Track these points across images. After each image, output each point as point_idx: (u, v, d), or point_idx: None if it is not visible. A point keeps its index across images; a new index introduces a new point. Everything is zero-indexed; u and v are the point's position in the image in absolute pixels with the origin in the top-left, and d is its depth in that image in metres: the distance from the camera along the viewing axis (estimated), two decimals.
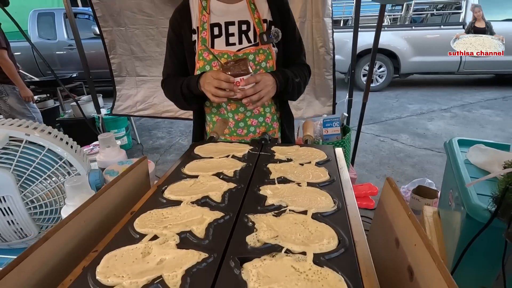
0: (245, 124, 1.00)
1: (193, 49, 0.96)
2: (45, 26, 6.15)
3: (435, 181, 2.43)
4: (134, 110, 2.70)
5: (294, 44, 1.02)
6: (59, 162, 0.61)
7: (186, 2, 0.99)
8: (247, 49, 0.94)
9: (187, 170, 0.63)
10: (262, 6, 0.97)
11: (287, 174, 0.59)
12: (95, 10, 2.36)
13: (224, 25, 0.95)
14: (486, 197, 0.98)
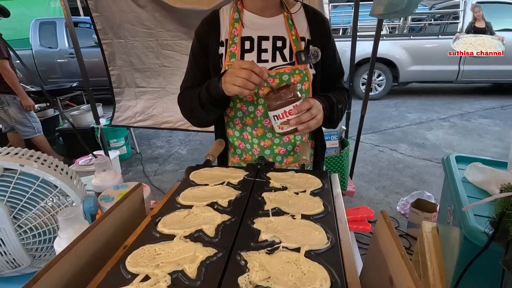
0: (271, 151, 0.92)
1: (219, 63, 0.89)
2: (47, 35, 6.21)
3: (434, 193, 2.42)
4: (133, 121, 2.71)
5: (334, 67, 0.96)
6: (53, 191, 0.61)
7: (216, 12, 0.93)
8: (282, 68, 0.86)
9: (182, 199, 0.63)
10: (301, 23, 0.91)
11: (282, 205, 0.59)
12: (95, 23, 2.38)
13: (257, 40, 0.88)
14: (484, 219, 0.97)
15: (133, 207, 0.66)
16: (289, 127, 0.75)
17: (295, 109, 0.73)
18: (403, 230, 2.11)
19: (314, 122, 0.75)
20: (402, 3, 1.77)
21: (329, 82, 0.96)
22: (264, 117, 0.89)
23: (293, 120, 0.73)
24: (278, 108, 0.74)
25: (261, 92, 0.86)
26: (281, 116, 0.74)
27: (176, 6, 2.13)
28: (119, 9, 2.29)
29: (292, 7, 0.92)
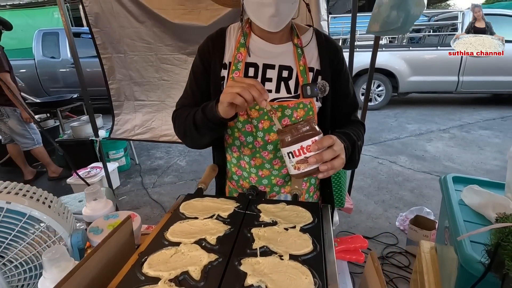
0: (269, 181, 0.89)
1: (220, 85, 0.84)
2: (50, 45, 6.29)
3: (433, 208, 2.41)
4: (132, 134, 2.71)
5: (347, 98, 0.89)
6: (40, 227, 0.60)
7: (223, 31, 0.87)
8: (285, 102, 0.80)
9: (170, 235, 0.62)
10: (311, 52, 0.84)
11: (270, 243, 0.58)
12: (95, 38, 2.41)
13: (261, 67, 0.82)
14: (480, 246, 0.96)
15: (121, 241, 0.65)
16: (307, 167, 0.62)
17: (314, 145, 0.61)
18: (402, 247, 2.08)
19: (339, 162, 0.63)
20: (397, 21, 1.78)
21: (343, 114, 0.90)
22: (263, 149, 0.85)
23: (312, 158, 0.61)
24: (294, 144, 0.62)
25: (261, 125, 0.82)
26: (298, 153, 0.62)
27: (175, 22, 2.15)
28: (119, 24, 2.32)
29: (303, 33, 0.86)
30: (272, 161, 0.87)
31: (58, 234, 0.63)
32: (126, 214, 0.78)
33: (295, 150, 0.63)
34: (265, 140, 0.84)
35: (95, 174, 2.84)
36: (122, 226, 0.66)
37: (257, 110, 0.81)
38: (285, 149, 0.64)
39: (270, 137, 0.83)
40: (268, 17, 0.73)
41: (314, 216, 0.67)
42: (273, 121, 0.77)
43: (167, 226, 0.66)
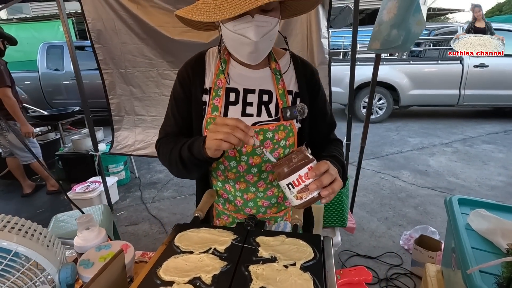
0: (254, 204, 0.89)
1: (202, 111, 0.84)
2: (54, 58, 6.38)
3: (438, 226, 2.35)
4: (132, 149, 2.70)
5: (325, 118, 0.92)
6: (26, 264, 0.57)
7: (202, 55, 0.87)
8: (266, 125, 0.81)
9: (163, 273, 0.59)
10: (289, 75, 0.87)
11: (269, 284, 0.55)
12: (96, 54, 2.43)
13: (242, 92, 0.84)
14: (490, 276, 0.91)
15: (113, 277, 0.62)
16: (309, 194, 0.62)
17: (312, 172, 0.62)
18: (407, 268, 2.01)
19: (338, 185, 0.65)
20: (398, 40, 1.78)
21: (322, 134, 0.93)
22: (247, 172, 0.84)
23: (312, 185, 0.61)
24: (291, 174, 0.62)
25: (244, 150, 0.81)
26: (297, 182, 0.62)
27: (176, 38, 2.17)
28: (121, 41, 2.34)
29: (281, 57, 0.89)
30: (257, 184, 0.87)
31: (46, 272, 0.60)
32: (119, 245, 0.74)
33: (294, 181, 0.63)
34: (249, 163, 0.83)
35: (94, 189, 2.81)
36: (114, 260, 0.63)
37: None
38: (283, 181, 0.64)
39: (254, 160, 0.83)
40: (247, 53, 0.74)
41: (316, 251, 0.63)
42: (263, 154, 0.79)
43: (161, 261, 0.63)
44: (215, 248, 0.65)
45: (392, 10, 1.70)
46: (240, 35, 0.70)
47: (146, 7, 2.18)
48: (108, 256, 0.71)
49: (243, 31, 0.70)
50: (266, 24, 0.71)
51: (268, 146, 0.81)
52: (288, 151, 0.85)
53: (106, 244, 0.75)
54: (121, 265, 0.65)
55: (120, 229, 2.64)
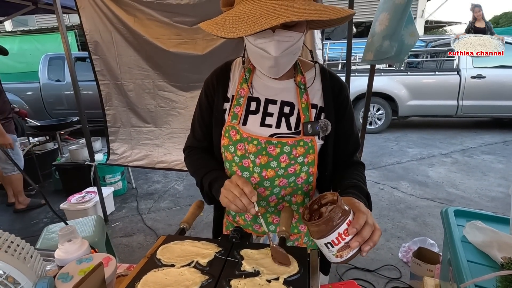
0: (265, 220, 0.87)
1: (222, 118, 0.84)
2: (56, 69, 6.47)
3: (437, 238, 2.31)
4: (128, 160, 2.69)
5: (350, 138, 0.87)
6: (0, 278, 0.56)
7: (229, 65, 0.89)
8: (285, 138, 0.79)
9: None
10: (315, 89, 0.83)
11: None
12: (94, 65, 2.45)
13: (263, 102, 0.82)
14: None
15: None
16: (350, 252, 0.58)
17: (352, 228, 0.56)
18: (405, 282, 1.97)
19: (378, 234, 0.59)
20: (390, 51, 1.80)
21: (346, 154, 0.88)
22: (259, 185, 0.82)
23: (354, 242, 0.56)
24: (330, 233, 0.56)
25: (258, 161, 0.79)
26: (336, 241, 0.57)
27: (171, 50, 2.19)
28: (118, 53, 2.36)
29: (307, 70, 0.86)
30: (269, 198, 0.84)
31: (20, 284, 0.58)
32: (101, 257, 0.72)
33: (333, 240, 0.57)
34: (262, 176, 0.81)
35: (90, 199, 2.79)
36: (92, 274, 0.61)
37: (255, 145, 0.80)
38: (320, 240, 0.58)
39: (268, 173, 0.81)
40: (268, 67, 0.74)
41: (300, 266, 0.61)
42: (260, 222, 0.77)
43: (140, 275, 0.61)
44: (197, 261, 0.64)
45: (383, 21, 1.72)
46: (261, 49, 0.70)
47: (142, 20, 2.21)
48: (88, 270, 0.69)
49: (263, 45, 0.69)
50: (287, 39, 0.69)
51: (284, 161, 0.79)
52: (307, 169, 0.82)
53: (87, 256, 0.73)
54: (100, 279, 0.63)
55: (115, 240, 2.60)
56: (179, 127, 2.44)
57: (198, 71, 2.24)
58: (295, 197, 0.86)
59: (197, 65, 2.22)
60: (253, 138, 0.79)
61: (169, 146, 2.51)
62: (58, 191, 3.64)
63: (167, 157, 2.51)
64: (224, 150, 0.84)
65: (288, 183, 0.83)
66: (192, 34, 2.17)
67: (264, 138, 0.79)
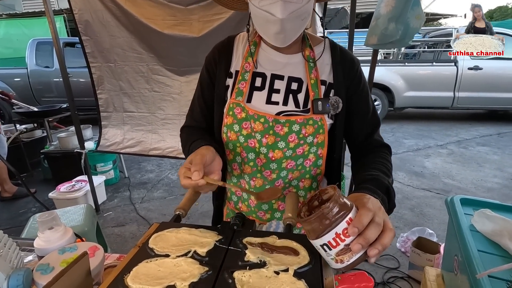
0: (269, 207, 0.81)
1: (224, 96, 0.78)
2: (44, 54, 6.23)
3: (435, 228, 2.30)
4: (120, 147, 2.59)
5: (367, 117, 0.79)
6: None
7: (231, 39, 0.82)
8: (293, 116, 0.73)
9: (131, 280, 0.49)
10: (324, 64, 0.78)
11: None
12: (84, 46, 2.33)
13: (269, 77, 0.77)
14: (499, 282, 0.84)
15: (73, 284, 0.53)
16: (353, 256, 0.47)
17: (353, 228, 0.45)
18: (404, 271, 1.94)
19: (389, 236, 0.47)
20: (396, 34, 1.72)
21: (363, 134, 0.81)
22: (265, 167, 0.76)
23: (356, 245, 0.45)
24: (325, 233, 0.47)
25: (264, 140, 0.73)
26: (334, 243, 0.47)
27: (165, 32, 2.08)
28: (109, 33, 2.24)
29: (317, 44, 0.79)
30: (275, 182, 0.78)
31: None
32: (87, 246, 0.65)
33: (330, 241, 0.47)
34: (268, 157, 0.75)
35: (80, 188, 2.69)
36: (75, 265, 0.54)
37: (262, 123, 0.73)
38: (316, 241, 0.49)
39: (274, 154, 0.74)
40: (273, 34, 0.67)
41: (311, 255, 0.55)
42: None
43: (131, 265, 0.54)
44: (195, 251, 0.57)
45: (390, 2, 1.64)
46: (266, 12, 0.64)
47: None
48: (72, 260, 0.61)
49: (268, 7, 0.64)
50: (296, 0, 0.63)
51: (292, 141, 0.73)
52: (316, 150, 0.75)
53: (72, 245, 0.65)
54: (84, 270, 0.56)
55: (106, 230, 2.52)
56: (173, 113, 2.34)
57: (194, 54, 2.14)
58: (303, 182, 0.80)
59: (193, 48, 2.12)
60: (260, 116, 0.73)
61: (162, 133, 2.41)
62: (47, 180, 3.52)
63: (160, 144, 2.42)
64: (227, 129, 0.77)
65: (296, 165, 0.77)
66: (187, 15, 2.06)
67: (271, 116, 0.73)
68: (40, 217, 0.65)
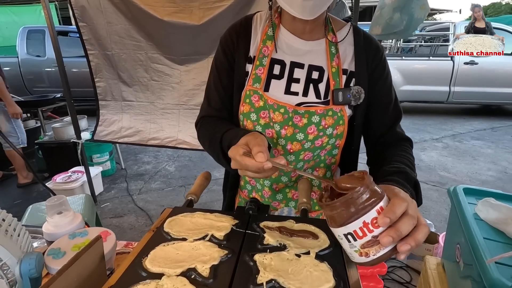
0: (284, 196, 0.79)
1: (243, 82, 0.73)
2: (35, 43, 6.07)
3: (432, 219, 2.33)
4: (118, 136, 2.55)
5: (389, 108, 0.75)
6: None
7: (249, 19, 0.76)
8: (313, 107, 0.69)
9: (149, 263, 0.48)
10: (346, 51, 0.73)
11: (280, 276, 0.45)
12: (81, 33, 2.26)
13: (289, 65, 0.72)
14: (506, 268, 0.86)
15: (87, 269, 0.51)
16: (380, 250, 0.42)
17: (384, 217, 0.40)
18: (403, 261, 1.97)
19: (424, 231, 0.42)
20: (400, 24, 1.71)
21: (386, 127, 0.76)
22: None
23: (386, 237, 0.40)
24: (352, 220, 0.42)
25: (283, 132, 0.70)
26: (360, 232, 0.42)
27: (164, 19, 2.03)
28: (107, 20, 2.18)
29: (339, 29, 0.75)
30: (291, 173, 0.76)
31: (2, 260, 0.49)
32: (98, 231, 0.63)
33: (355, 230, 0.42)
34: (286, 149, 0.72)
35: (76, 179, 2.65)
36: (89, 249, 0.52)
37: (281, 113, 0.69)
38: (338, 229, 0.44)
39: (293, 146, 0.72)
40: (301, 2, 0.61)
41: (331, 239, 0.54)
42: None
43: (147, 249, 0.52)
44: (212, 234, 0.55)
45: None
46: None
47: None
48: (83, 245, 0.60)
49: None
50: None
51: (312, 132, 0.70)
52: (334, 141, 0.72)
53: (82, 231, 0.64)
54: (98, 255, 0.54)
55: (104, 221, 2.50)
56: (172, 103, 2.30)
57: (194, 43, 2.10)
58: (317, 171, 0.79)
59: (193, 36, 2.08)
60: (279, 106, 0.69)
61: (161, 122, 2.38)
62: (42, 171, 3.46)
63: (159, 133, 2.39)
64: (243, 118, 0.73)
65: (313, 156, 0.75)
66: (187, 2, 2.01)
67: (291, 106, 0.69)
68: (48, 201, 0.63)
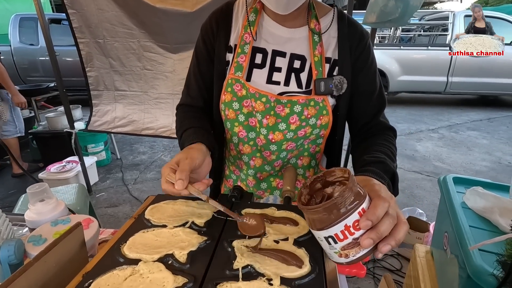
0: (268, 185, 0.79)
1: (224, 71, 0.72)
2: (28, 31, 5.95)
3: (425, 209, 2.35)
4: (112, 126, 2.54)
5: (372, 97, 0.73)
6: None
7: (230, 6, 0.74)
8: (295, 96, 0.68)
9: (127, 250, 0.48)
10: (329, 38, 0.71)
11: (256, 261, 0.46)
12: (71, 21, 2.22)
13: (270, 54, 0.71)
14: (489, 255, 0.87)
15: (67, 256, 0.51)
16: (359, 252, 0.42)
17: (366, 220, 0.40)
18: (394, 249, 2.00)
19: (403, 230, 0.42)
20: (395, 12, 1.69)
21: (369, 115, 0.74)
22: (265, 149, 0.73)
23: (367, 240, 0.40)
24: (333, 225, 0.40)
25: (265, 121, 0.69)
26: (341, 236, 0.41)
27: (157, 6, 1.98)
28: (97, 7, 2.13)
29: (323, 15, 0.72)
30: (274, 163, 0.76)
31: None
32: (80, 218, 0.63)
33: (337, 233, 0.41)
34: (268, 139, 0.72)
35: (71, 168, 2.64)
36: (69, 235, 0.52)
37: (263, 102, 0.69)
38: (320, 232, 0.42)
39: (275, 136, 0.71)
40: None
41: None
42: None
43: (127, 236, 0.52)
44: (192, 221, 0.56)
45: None
46: None
47: None
48: None
49: None
50: None
51: (294, 122, 0.69)
52: (319, 132, 0.71)
53: (64, 218, 0.64)
54: (79, 241, 0.54)
55: (99, 211, 2.51)
56: (166, 92, 2.28)
57: (187, 31, 2.06)
58: (301, 159, 0.78)
59: (186, 24, 2.04)
60: (261, 95, 0.68)
61: (155, 112, 2.36)
62: (37, 161, 3.45)
63: (153, 123, 2.37)
64: (225, 107, 0.72)
65: (296, 146, 0.74)
66: None
67: (273, 95, 0.69)
68: (30, 189, 0.63)
